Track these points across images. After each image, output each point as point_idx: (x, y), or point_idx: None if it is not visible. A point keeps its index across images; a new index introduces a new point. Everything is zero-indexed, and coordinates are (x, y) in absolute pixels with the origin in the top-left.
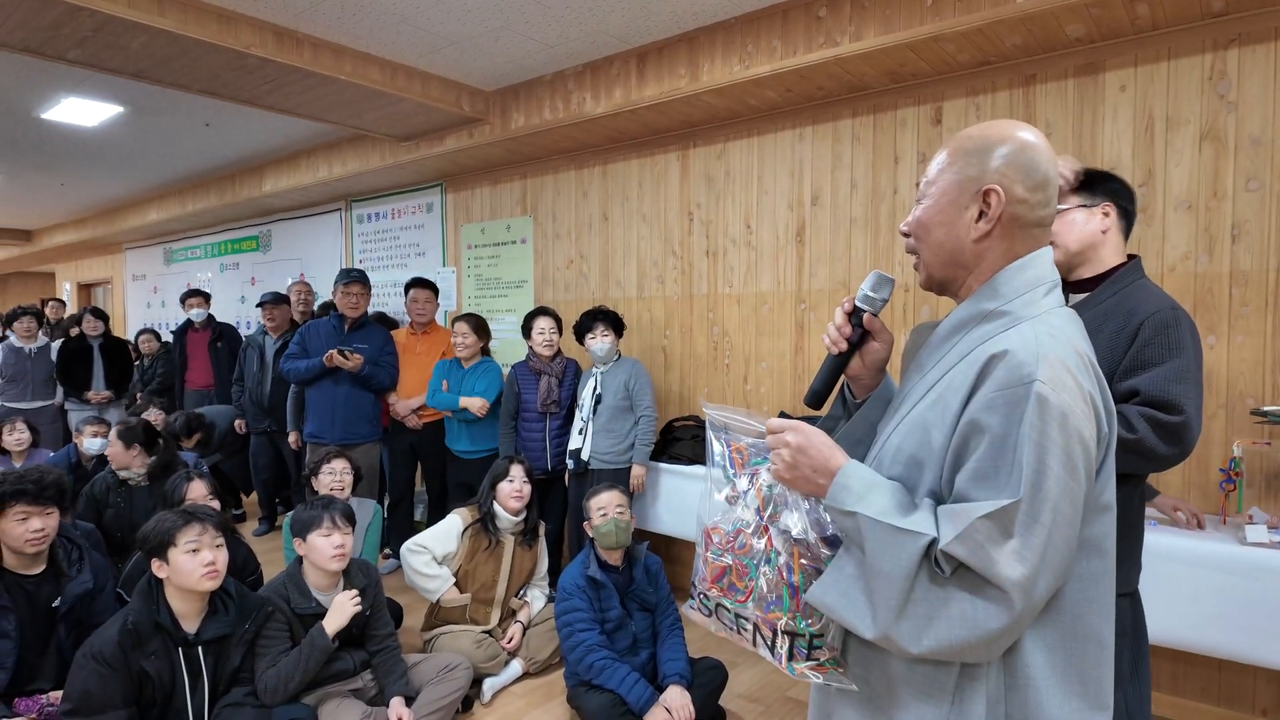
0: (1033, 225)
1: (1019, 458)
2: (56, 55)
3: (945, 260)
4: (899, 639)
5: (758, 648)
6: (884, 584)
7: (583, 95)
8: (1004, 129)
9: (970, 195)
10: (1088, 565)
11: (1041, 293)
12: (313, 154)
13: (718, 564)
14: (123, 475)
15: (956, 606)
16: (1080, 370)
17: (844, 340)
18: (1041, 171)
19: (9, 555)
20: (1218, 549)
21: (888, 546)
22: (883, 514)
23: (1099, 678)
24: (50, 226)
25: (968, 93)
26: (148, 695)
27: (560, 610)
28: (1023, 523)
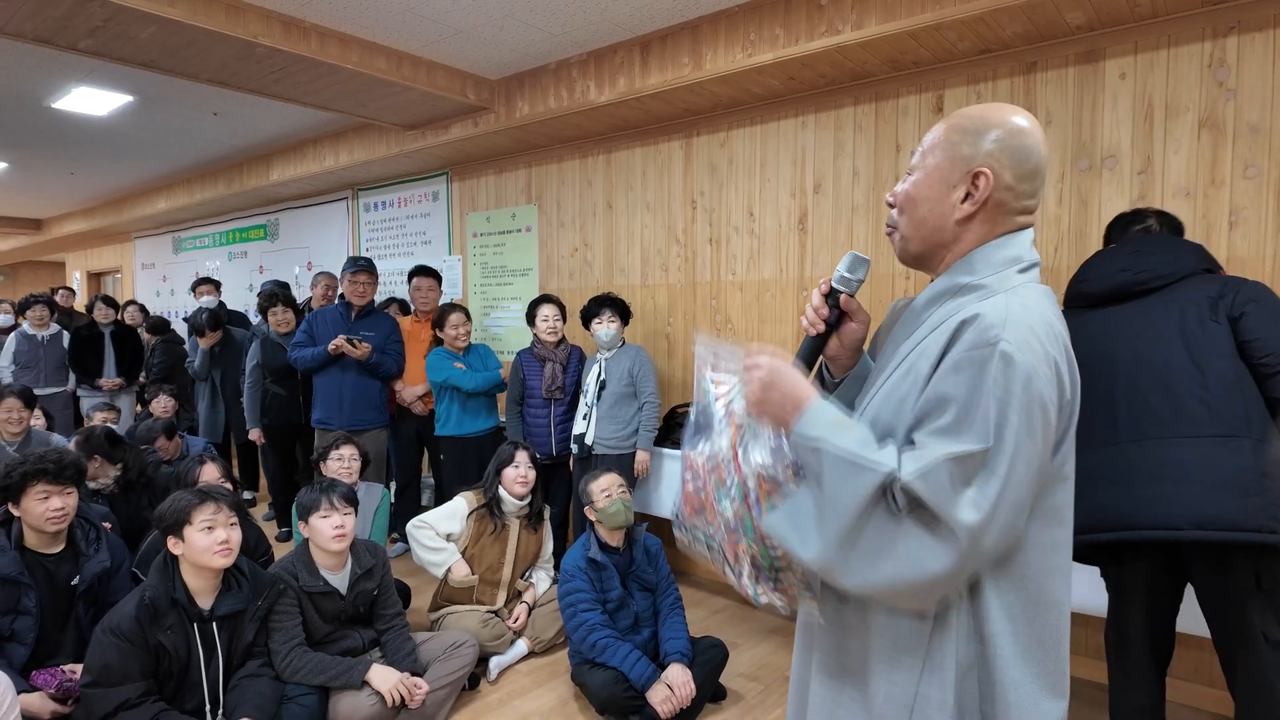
0: (1015, 213)
1: (983, 411)
2: (68, 45)
3: (925, 235)
4: (839, 570)
5: (727, 574)
6: (837, 514)
7: (586, 84)
8: (1004, 113)
9: (960, 175)
10: (1050, 534)
11: (1016, 270)
12: (319, 143)
13: (694, 492)
14: (93, 488)
15: (904, 545)
16: (1048, 339)
17: (821, 321)
18: (1033, 162)
19: (30, 534)
20: None
21: (846, 477)
22: (845, 447)
23: (1058, 645)
24: (60, 215)
25: (969, 81)
26: (164, 668)
27: (563, 591)
28: (981, 473)
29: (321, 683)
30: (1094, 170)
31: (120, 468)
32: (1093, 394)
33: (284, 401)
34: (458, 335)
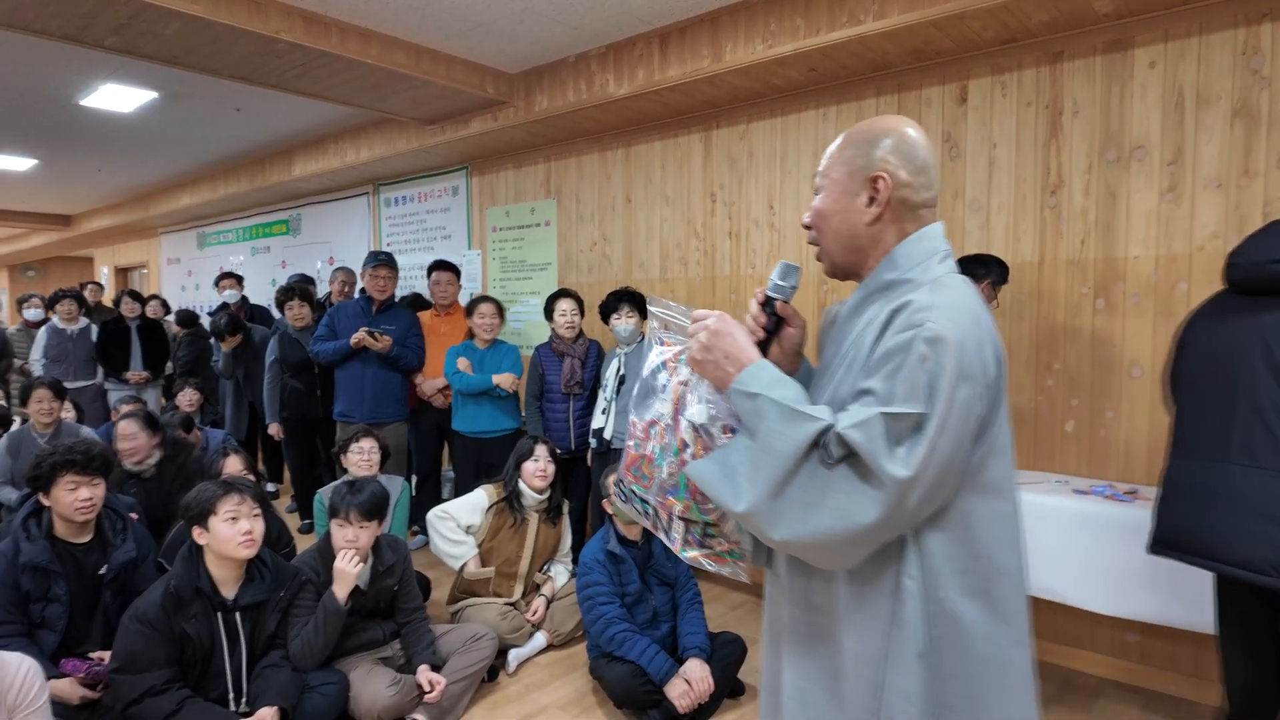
0: (919, 206)
1: (915, 382)
2: (94, 42)
3: (844, 245)
4: (767, 520)
5: (658, 532)
6: (771, 462)
7: (605, 77)
8: (886, 123)
9: (860, 183)
10: (994, 506)
11: (936, 260)
12: (340, 138)
13: (635, 453)
14: (133, 469)
15: (834, 496)
16: (972, 322)
17: (760, 329)
18: (921, 158)
19: (60, 524)
20: None
21: (783, 426)
22: (784, 397)
23: (1016, 605)
24: (88, 211)
25: (993, 71)
26: (189, 656)
27: (581, 584)
28: (913, 434)
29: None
30: (1122, 161)
31: (162, 450)
32: (1209, 399)
33: (301, 395)
34: (483, 325)
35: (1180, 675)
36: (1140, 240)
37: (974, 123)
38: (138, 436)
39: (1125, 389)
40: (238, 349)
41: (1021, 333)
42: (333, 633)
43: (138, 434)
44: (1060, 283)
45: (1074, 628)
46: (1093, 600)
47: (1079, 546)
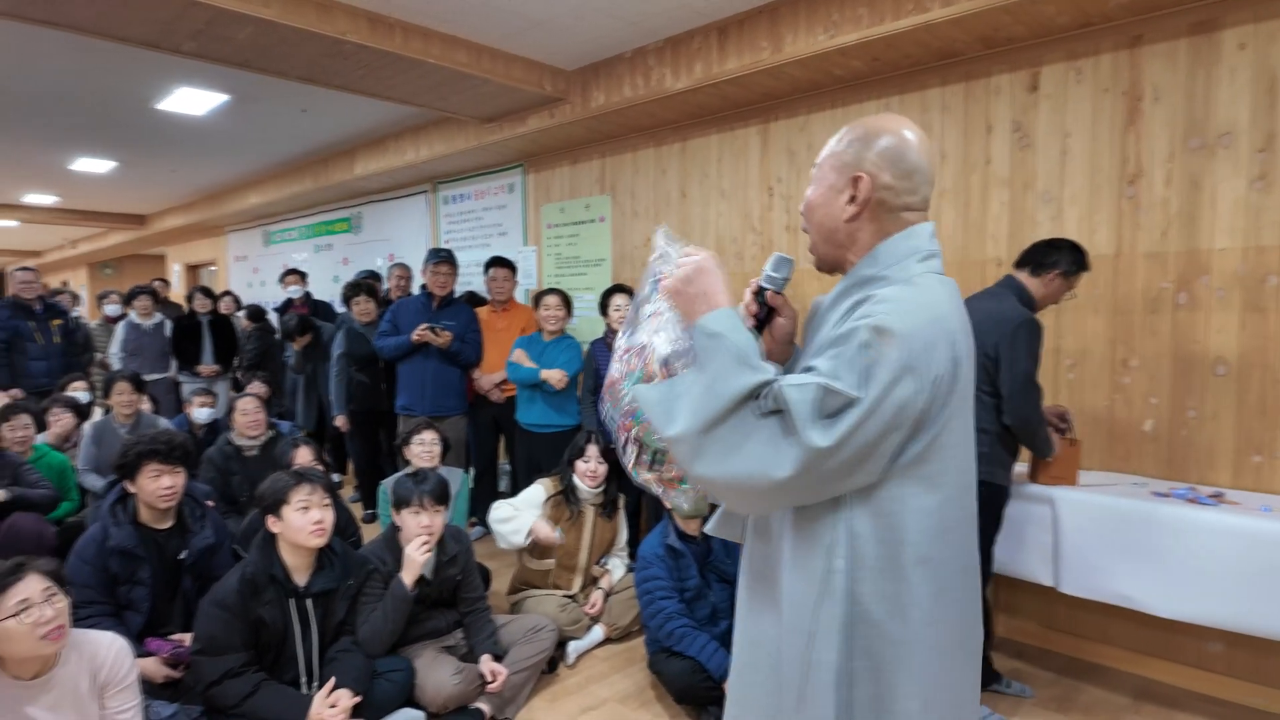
0: (899, 209)
1: (855, 365)
2: (172, 48)
3: (824, 239)
4: (693, 453)
5: (619, 451)
6: (711, 399)
7: (663, 71)
8: (882, 122)
9: (845, 180)
10: (929, 498)
11: (915, 260)
12: (400, 137)
13: (613, 376)
14: (239, 444)
15: (754, 445)
16: (929, 320)
17: (752, 318)
18: (910, 162)
19: (144, 510)
20: None
21: (731, 370)
22: (741, 344)
23: (933, 591)
24: (161, 211)
25: (1067, 57)
26: (264, 640)
27: (640, 578)
28: (842, 411)
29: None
30: (1207, 149)
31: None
32: None
33: (367, 388)
34: (548, 317)
35: (1268, 688)
36: (1226, 231)
37: (1046, 111)
38: (257, 413)
39: (1209, 387)
40: (307, 346)
41: (1095, 329)
42: (400, 619)
43: (257, 411)
44: (1138, 276)
45: (1151, 636)
46: (1172, 607)
47: (1157, 551)
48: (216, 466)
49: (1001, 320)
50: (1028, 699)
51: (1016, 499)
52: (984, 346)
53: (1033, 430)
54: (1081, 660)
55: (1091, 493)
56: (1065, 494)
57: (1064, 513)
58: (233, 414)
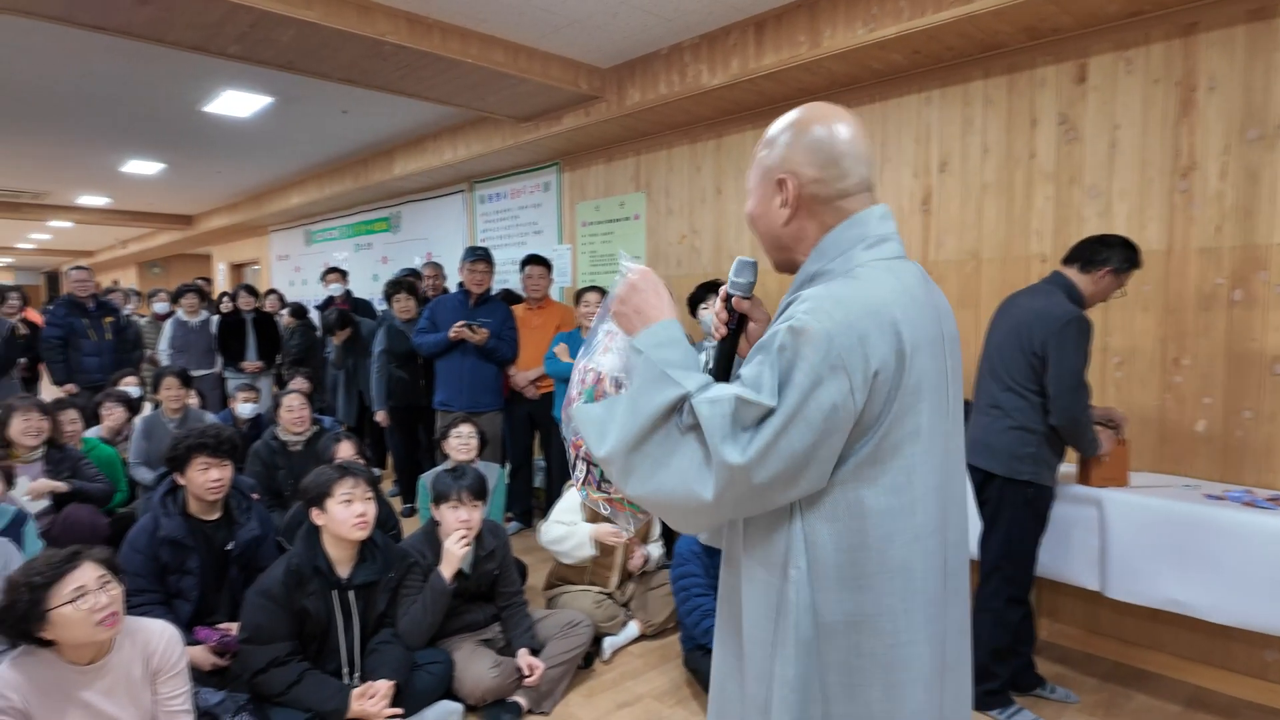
0: (834, 199)
1: (771, 370)
2: (218, 51)
3: (771, 245)
4: (623, 470)
5: (571, 469)
6: (633, 418)
7: (699, 67)
8: (791, 117)
9: (772, 185)
10: (889, 500)
11: (862, 247)
12: (439, 137)
13: (571, 395)
14: (284, 439)
15: (679, 461)
16: (860, 313)
17: (724, 326)
18: (830, 150)
19: (193, 502)
20: None
21: (651, 387)
22: (662, 359)
23: (906, 601)
24: (207, 211)
25: (1116, 46)
26: (308, 630)
27: (676, 575)
28: (760, 423)
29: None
30: (1265, 140)
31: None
32: None
33: (406, 384)
34: (586, 314)
35: None
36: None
37: (1094, 103)
38: (302, 410)
39: (1266, 387)
40: (347, 341)
41: (1145, 326)
42: (439, 612)
43: (301, 408)
44: (1191, 272)
45: (1203, 643)
46: (1227, 613)
47: (1211, 556)
48: (262, 460)
49: (1049, 317)
50: (1072, 704)
51: (1062, 500)
52: (1031, 344)
53: (1080, 430)
54: (1128, 666)
55: (1141, 494)
56: (1113, 496)
57: (1111, 515)
58: (278, 410)
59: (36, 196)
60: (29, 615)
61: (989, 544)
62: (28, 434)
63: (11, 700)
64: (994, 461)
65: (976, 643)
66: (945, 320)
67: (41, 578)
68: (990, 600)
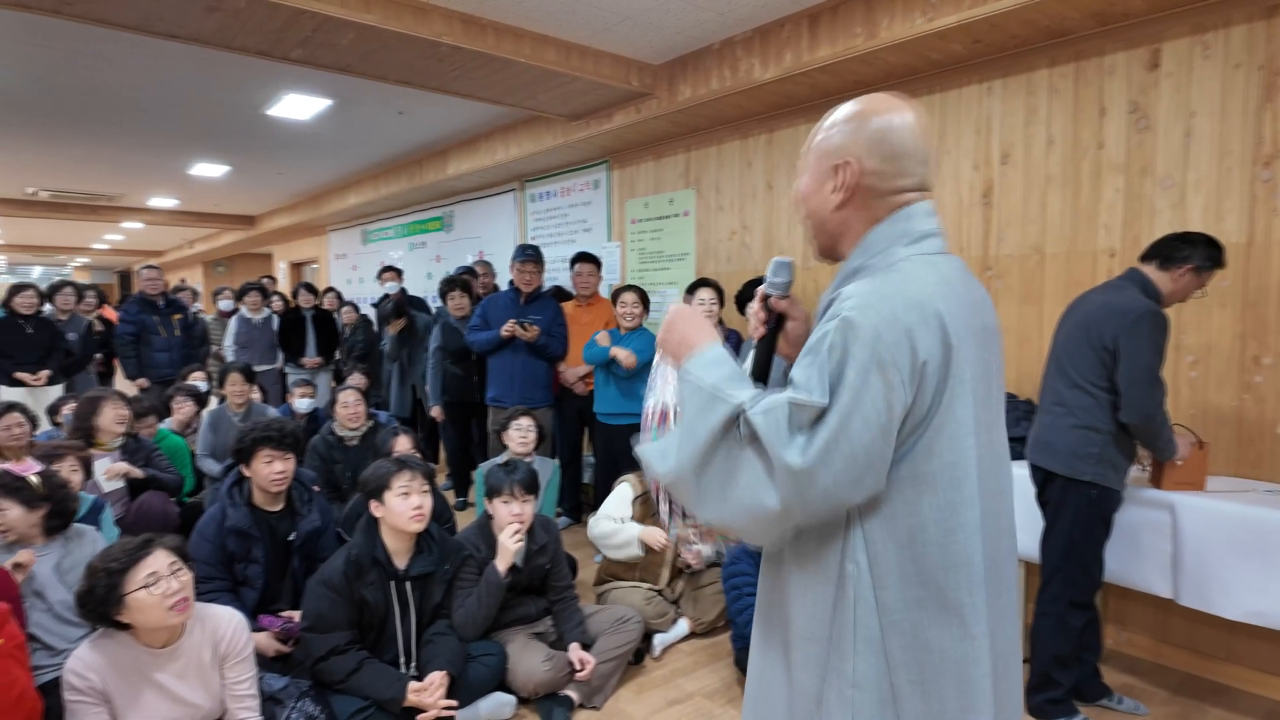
0: (889, 194)
1: (822, 369)
2: (281, 55)
3: (817, 228)
4: (693, 493)
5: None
6: (690, 440)
7: (751, 61)
8: (863, 105)
9: (829, 168)
10: (944, 496)
11: (903, 244)
12: (491, 137)
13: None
14: (341, 434)
15: (744, 475)
16: (904, 307)
17: (763, 326)
18: (896, 144)
19: (257, 493)
20: None
21: (704, 407)
22: (710, 381)
23: (970, 597)
24: (269, 212)
25: (1193, 30)
26: (367, 620)
27: (728, 573)
28: (814, 426)
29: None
30: None
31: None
32: None
33: (461, 380)
34: (624, 314)
35: None
36: None
37: (1167, 90)
38: (357, 405)
39: None
40: (402, 333)
41: (1223, 323)
42: (493, 604)
43: (357, 404)
44: (1273, 266)
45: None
46: None
47: None
48: (320, 455)
49: (1121, 311)
50: (1141, 716)
51: (1132, 504)
52: (1101, 339)
53: (1155, 429)
54: (1201, 679)
55: (1217, 499)
56: (1187, 500)
57: (1185, 520)
58: (334, 405)
59: (112, 199)
60: (107, 599)
61: (1049, 546)
62: (117, 423)
63: (91, 680)
64: (1055, 460)
65: (1037, 648)
66: (985, 312)
67: (118, 563)
68: (1051, 604)
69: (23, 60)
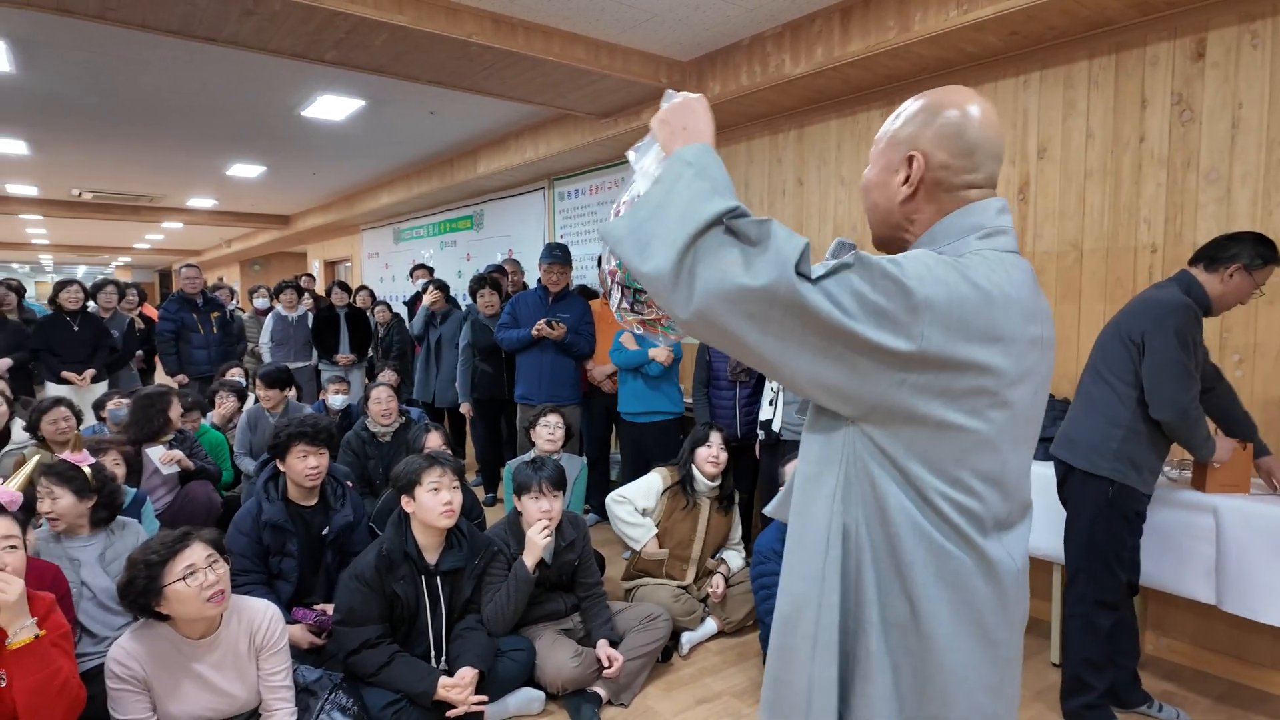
0: (960, 188)
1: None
2: (316, 57)
3: (880, 220)
4: (666, 285)
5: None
6: (683, 225)
7: (781, 57)
8: (939, 97)
9: (899, 159)
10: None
11: (975, 237)
12: (520, 136)
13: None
14: (374, 430)
15: (727, 253)
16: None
17: None
18: (970, 138)
19: (292, 488)
20: None
21: (703, 196)
22: (716, 175)
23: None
24: (303, 211)
25: (1240, 19)
26: (398, 614)
27: (756, 574)
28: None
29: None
30: None
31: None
32: None
33: (490, 378)
34: None
35: None
36: None
37: (1213, 81)
38: (390, 402)
39: None
40: (432, 315)
41: (1270, 321)
42: (522, 600)
43: (389, 401)
44: None
45: None
46: None
47: None
48: (353, 450)
49: (1153, 304)
50: None
51: (1173, 507)
52: (1130, 333)
53: (1189, 425)
54: (1246, 687)
55: (1262, 502)
56: (1230, 503)
57: (1229, 523)
58: (367, 402)
59: (153, 200)
60: (147, 590)
61: (1072, 543)
62: (180, 417)
63: (133, 669)
64: (1073, 454)
65: (1067, 650)
66: (1045, 324)
67: (157, 556)
68: (1078, 605)
69: (69, 66)
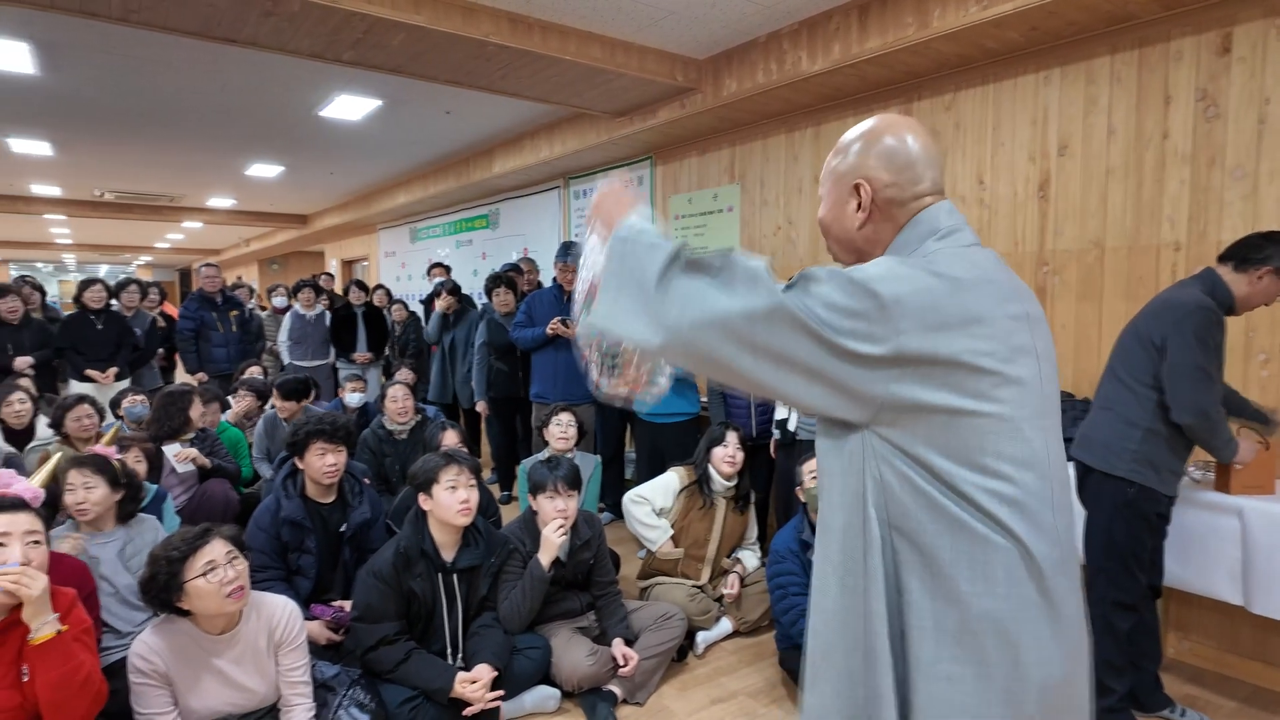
0: (908, 200)
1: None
2: (334, 57)
3: (845, 250)
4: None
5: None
6: (639, 289)
7: (798, 54)
8: (863, 127)
9: (847, 190)
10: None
11: (933, 240)
12: (535, 135)
13: (576, 310)
14: (391, 428)
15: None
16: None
17: None
18: (904, 155)
19: (310, 485)
20: None
21: (648, 256)
22: (647, 234)
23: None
24: (321, 211)
25: (1267, 13)
26: (415, 611)
27: (773, 573)
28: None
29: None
30: None
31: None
32: None
33: (506, 376)
34: None
35: None
36: None
37: (1239, 76)
38: (406, 400)
39: None
40: (446, 317)
41: None
42: (537, 598)
43: (405, 399)
44: None
45: None
46: None
47: None
48: (370, 448)
49: (1173, 305)
50: None
51: (1198, 508)
52: (1150, 334)
53: (1211, 427)
54: (1271, 691)
55: None
56: (1255, 504)
57: (1256, 525)
58: (384, 400)
59: (173, 200)
60: (168, 586)
61: (1091, 544)
62: (201, 416)
63: (155, 664)
64: (1091, 454)
65: None
66: (1028, 301)
67: (178, 552)
68: (1096, 605)
69: (91, 68)
